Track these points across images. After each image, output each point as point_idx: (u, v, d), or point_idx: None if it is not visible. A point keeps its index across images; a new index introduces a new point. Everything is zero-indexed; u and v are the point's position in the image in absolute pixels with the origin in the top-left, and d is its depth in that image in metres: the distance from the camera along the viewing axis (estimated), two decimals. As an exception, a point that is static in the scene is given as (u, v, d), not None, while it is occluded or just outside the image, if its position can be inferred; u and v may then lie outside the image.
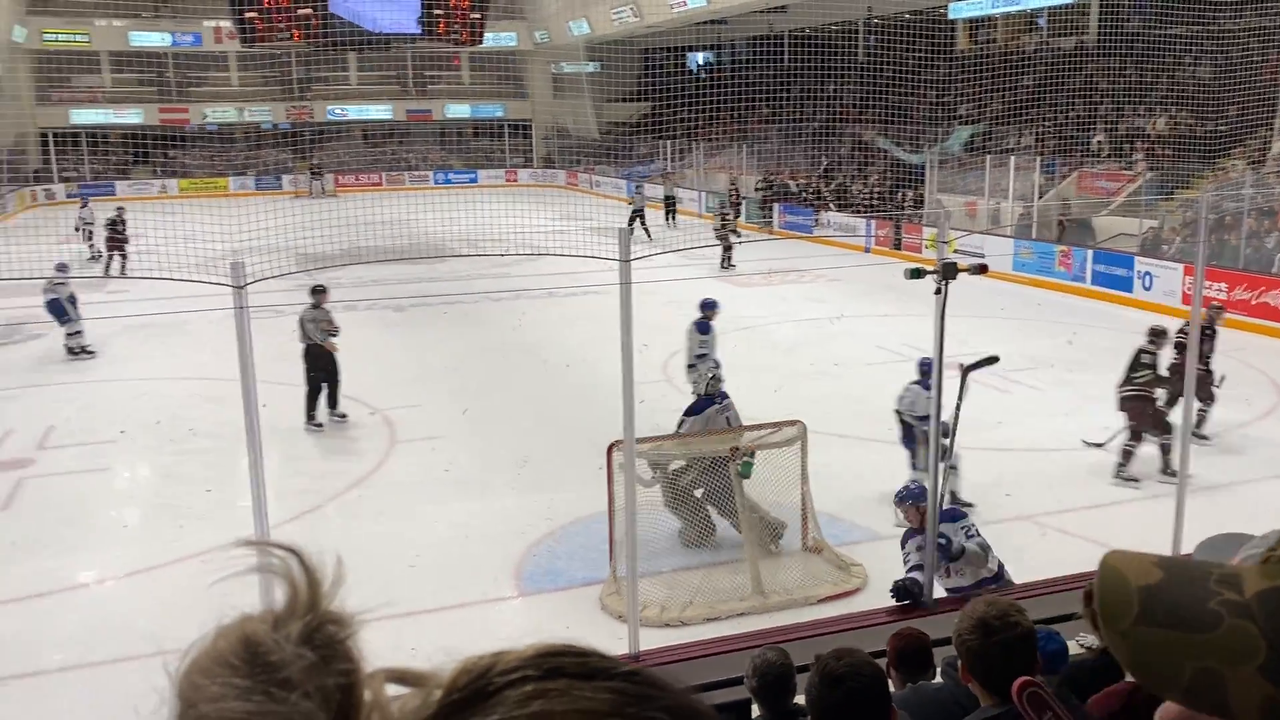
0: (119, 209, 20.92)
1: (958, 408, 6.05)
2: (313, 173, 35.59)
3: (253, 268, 4.75)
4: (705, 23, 33.84)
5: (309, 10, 28.12)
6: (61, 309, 14.06)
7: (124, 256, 19.75)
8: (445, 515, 8.41)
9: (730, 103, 29.96)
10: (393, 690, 0.51)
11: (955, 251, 5.75)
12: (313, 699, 0.47)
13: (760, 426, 7.81)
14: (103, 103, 37.39)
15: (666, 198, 28.15)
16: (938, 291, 5.23)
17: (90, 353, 14.21)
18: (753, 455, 7.32)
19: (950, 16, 29.10)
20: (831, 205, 26.09)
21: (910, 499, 6.14)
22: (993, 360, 6.23)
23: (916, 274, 5.52)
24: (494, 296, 17.54)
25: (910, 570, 5.85)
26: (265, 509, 4.66)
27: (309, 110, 39.11)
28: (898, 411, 8.86)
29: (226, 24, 32.72)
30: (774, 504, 7.63)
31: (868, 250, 22.63)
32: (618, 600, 6.90)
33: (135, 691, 6.13)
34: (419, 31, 30.52)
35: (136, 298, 14.90)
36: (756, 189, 27.90)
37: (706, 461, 7.63)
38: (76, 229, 22.75)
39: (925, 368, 9.58)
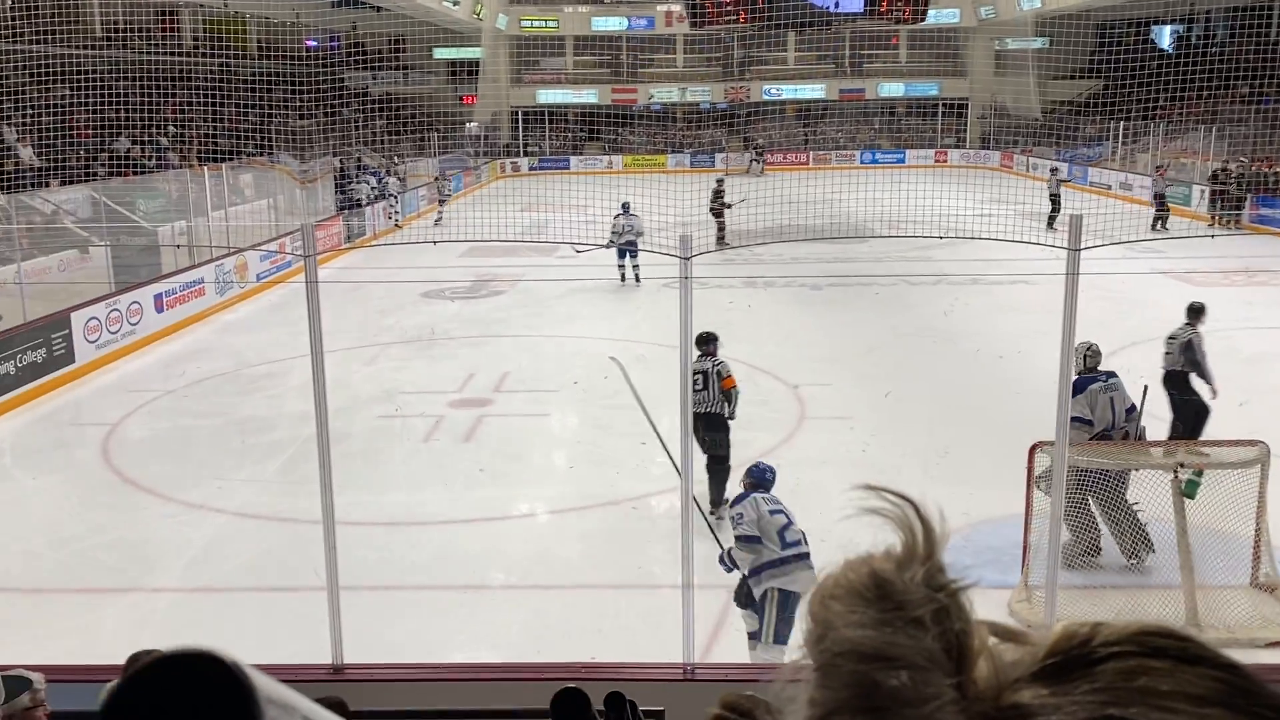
0: (719, 180, 21.37)
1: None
2: (756, 153, 36.59)
3: (696, 242, 5.01)
4: (1177, -8, 30.55)
5: (757, -9, 28.99)
6: (635, 248, 16.97)
7: (721, 226, 20.47)
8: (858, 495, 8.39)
9: (1200, 80, 26.79)
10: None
11: None
12: (940, 641, 0.50)
13: (1210, 443, 7.01)
14: (564, 84, 41.11)
15: (1157, 196, 23.19)
16: None
17: (638, 281, 17.16)
18: (1200, 474, 6.59)
19: None
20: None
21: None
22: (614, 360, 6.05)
23: None
24: (913, 280, 17.16)
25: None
26: (691, 467, 4.94)
27: (746, 90, 40.39)
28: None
29: (677, 8, 34.64)
30: (1220, 533, 6.82)
31: (1364, 253, 19.36)
32: (1028, 609, 6.56)
33: (560, 617, 6.80)
34: (862, 10, 30.38)
35: (594, 262, 16.32)
36: (1214, 176, 24.57)
37: (1099, 472, 7.03)
38: (437, 183, 27.72)
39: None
